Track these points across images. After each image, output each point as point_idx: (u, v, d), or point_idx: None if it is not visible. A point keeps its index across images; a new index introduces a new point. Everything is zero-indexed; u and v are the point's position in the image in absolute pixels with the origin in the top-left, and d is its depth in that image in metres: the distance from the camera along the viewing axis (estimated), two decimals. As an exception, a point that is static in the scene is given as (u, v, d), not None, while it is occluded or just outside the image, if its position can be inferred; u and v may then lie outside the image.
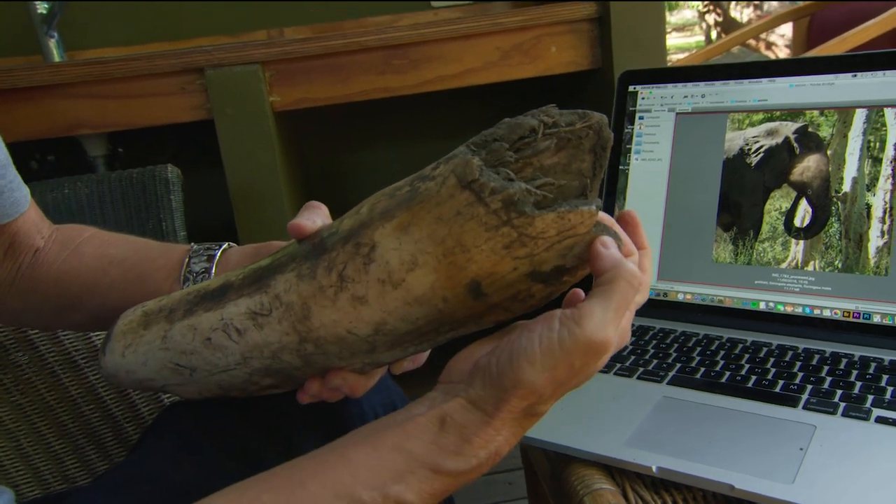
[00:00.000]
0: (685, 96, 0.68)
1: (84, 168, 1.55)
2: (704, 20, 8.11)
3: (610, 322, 0.35)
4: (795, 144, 0.63)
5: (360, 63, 1.35)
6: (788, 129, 0.63)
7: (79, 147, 1.53)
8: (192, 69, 1.27)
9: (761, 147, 0.64)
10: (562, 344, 0.35)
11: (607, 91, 1.42)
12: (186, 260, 0.52)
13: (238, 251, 0.53)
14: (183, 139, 1.69)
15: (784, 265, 0.62)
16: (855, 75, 0.61)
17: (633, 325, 0.66)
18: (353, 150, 1.83)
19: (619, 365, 0.59)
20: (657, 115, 0.70)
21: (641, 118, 0.70)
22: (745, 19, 8.81)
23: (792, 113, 0.63)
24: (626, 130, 0.71)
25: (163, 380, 0.46)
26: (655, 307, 0.68)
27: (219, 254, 0.52)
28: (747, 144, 0.65)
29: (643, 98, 0.71)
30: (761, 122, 0.64)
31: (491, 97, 1.67)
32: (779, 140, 0.64)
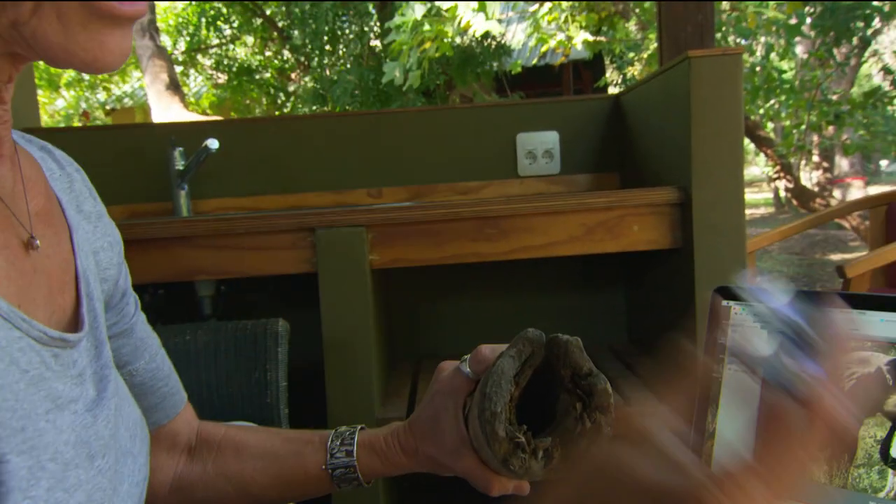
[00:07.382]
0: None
1: (189, 303, 1.69)
2: (774, 184, 8.23)
3: None
4: (888, 376, 0.66)
5: (455, 230, 1.46)
6: (880, 360, 0.67)
7: (188, 283, 1.67)
8: (305, 228, 1.40)
9: (853, 374, 0.68)
10: None
11: (685, 268, 1.48)
12: (327, 455, 0.59)
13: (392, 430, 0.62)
14: (281, 284, 1.82)
15: (882, 494, 0.64)
16: (945, 317, 0.65)
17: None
18: (433, 300, 1.91)
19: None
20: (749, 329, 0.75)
21: (734, 331, 0.75)
22: (814, 180, 8.88)
23: (883, 346, 0.67)
24: (720, 342, 0.76)
25: None
26: (748, 518, 0.70)
27: (356, 439, 0.60)
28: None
29: (735, 313, 0.76)
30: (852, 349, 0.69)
31: (570, 262, 1.75)
32: (871, 369, 0.67)
